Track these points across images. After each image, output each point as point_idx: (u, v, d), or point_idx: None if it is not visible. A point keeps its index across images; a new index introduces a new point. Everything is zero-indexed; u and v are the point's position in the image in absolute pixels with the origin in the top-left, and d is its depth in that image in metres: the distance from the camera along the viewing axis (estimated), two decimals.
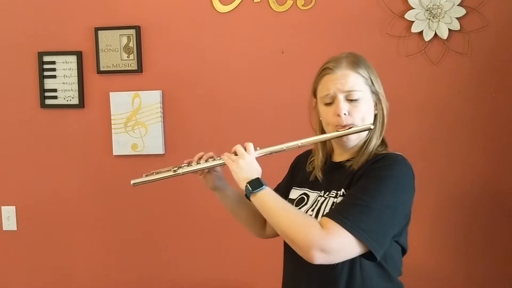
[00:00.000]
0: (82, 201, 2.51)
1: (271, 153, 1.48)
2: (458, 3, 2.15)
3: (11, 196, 2.56)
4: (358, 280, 1.37)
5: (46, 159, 2.52)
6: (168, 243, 2.48)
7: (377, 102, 1.44)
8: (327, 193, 1.44)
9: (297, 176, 1.60)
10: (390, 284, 1.43)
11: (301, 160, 1.62)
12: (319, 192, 1.47)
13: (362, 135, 1.43)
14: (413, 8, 2.18)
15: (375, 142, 1.43)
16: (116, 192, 2.48)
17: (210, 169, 1.55)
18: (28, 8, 2.48)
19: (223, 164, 1.49)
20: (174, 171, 1.54)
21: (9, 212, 2.56)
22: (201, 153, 1.56)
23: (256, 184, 1.37)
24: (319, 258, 1.27)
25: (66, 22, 2.46)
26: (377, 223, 1.29)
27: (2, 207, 2.57)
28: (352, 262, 1.35)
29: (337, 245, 1.27)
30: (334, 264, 1.34)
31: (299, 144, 1.46)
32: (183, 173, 1.54)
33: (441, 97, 2.22)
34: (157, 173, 1.58)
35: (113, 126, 2.44)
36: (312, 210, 1.42)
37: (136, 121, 2.43)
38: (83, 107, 2.48)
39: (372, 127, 1.41)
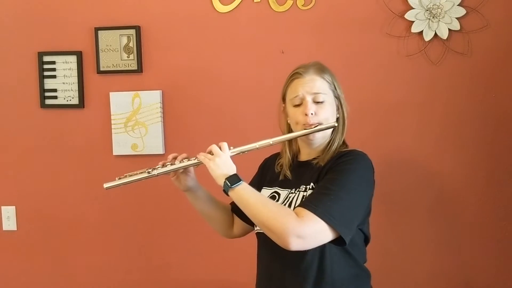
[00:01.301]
0: (82, 201, 2.51)
1: (244, 151, 1.59)
2: (458, 3, 2.15)
3: (11, 196, 2.56)
4: (328, 266, 1.51)
5: (46, 159, 2.52)
6: (168, 243, 2.48)
7: (339, 106, 1.62)
8: (297, 189, 1.57)
9: (266, 176, 1.73)
10: (357, 270, 1.58)
11: (269, 162, 1.75)
12: (289, 189, 1.60)
13: (327, 133, 1.60)
14: (413, 8, 2.18)
15: (338, 142, 1.61)
16: (116, 192, 2.47)
17: (184, 170, 1.63)
18: (28, 8, 2.48)
19: (198, 164, 1.58)
20: (149, 172, 1.59)
21: (9, 212, 2.56)
22: (174, 154, 1.64)
23: (234, 179, 1.48)
24: (296, 244, 1.38)
25: (66, 22, 2.46)
26: (345, 210, 1.44)
27: (2, 207, 2.57)
28: (321, 250, 1.49)
29: (311, 231, 1.40)
30: (305, 252, 1.48)
31: (271, 142, 1.59)
32: (158, 174, 1.59)
33: (441, 97, 2.22)
34: (131, 175, 1.62)
35: (113, 126, 2.44)
36: (284, 205, 1.54)
37: (136, 121, 2.43)
38: (83, 107, 2.48)
39: (336, 124, 1.58)
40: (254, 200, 1.45)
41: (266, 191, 1.66)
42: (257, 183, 1.73)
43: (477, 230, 2.23)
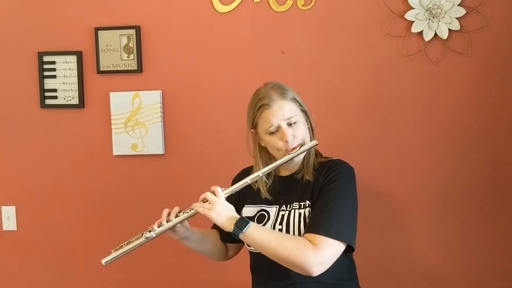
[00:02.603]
0: (82, 201, 2.51)
1: (237, 190, 1.63)
2: (458, 3, 2.15)
3: (11, 196, 2.56)
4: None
5: (46, 159, 2.52)
6: (168, 243, 2.46)
7: (306, 117, 1.68)
8: (288, 205, 1.64)
9: (243, 194, 1.75)
10: (345, 259, 1.64)
11: (243, 177, 1.69)
12: (277, 206, 1.66)
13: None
14: (413, 8, 2.18)
15: (313, 152, 1.69)
16: (116, 192, 2.48)
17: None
18: (28, 8, 2.48)
19: (195, 214, 1.61)
20: (146, 238, 1.61)
21: (9, 212, 2.56)
22: (166, 210, 1.67)
23: (242, 223, 1.52)
24: (319, 270, 1.49)
25: (66, 22, 2.46)
26: (349, 223, 1.57)
27: (2, 207, 2.57)
28: None
29: (330, 254, 1.51)
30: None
31: (261, 175, 1.64)
32: (156, 236, 1.61)
33: (441, 97, 2.22)
34: (128, 243, 1.65)
35: (113, 126, 2.44)
36: (280, 224, 1.61)
37: (136, 121, 2.43)
38: (83, 107, 2.48)
39: (317, 142, 1.65)
40: (268, 240, 1.50)
41: (251, 209, 1.71)
42: (234, 200, 1.73)
43: (478, 230, 2.23)
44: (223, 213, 1.55)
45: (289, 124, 1.62)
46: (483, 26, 2.16)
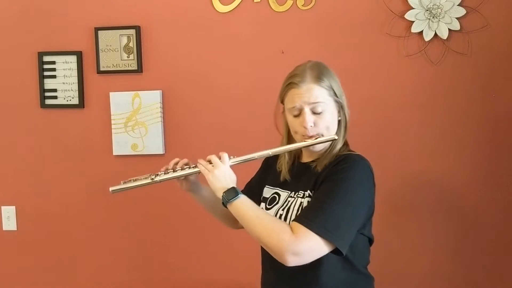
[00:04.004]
0: (82, 201, 2.51)
1: (244, 161, 1.58)
2: (458, 3, 2.15)
3: (11, 196, 2.56)
4: (325, 272, 1.49)
5: (46, 159, 2.52)
6: (169, 243, 2.48)
7: (340, 109, 1.57)
8: (295, 193, 1.56)
9: (268, 174, 1.72)
10: (356, 275, 1.55)
11: (271, 160, 1.71)
12: (288, 191, 1.59)
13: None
14: (413, 8, 2.18)
15: (339, 146, 1.57)
16: (116, 192, 2.48)
17: (186, 176, 1.64)
18: (28, 8, 2.48)
19: (198, 172, 1.58)
20: (152, 179, 1.62)
21: (9, 212, 2.56)
22: (176, 159, 1.65)
23: (231, 193, 1.48)
24: (292, 261, 1.39)
25: (66, 22, 2.46)
26: (340, 222, 1.42)
27: (2, 207, 2.57)
28: (318, 259, 1.45)
29: (307, 248, 1.40)
30: None
31: (270, 153, 1.59)
32: (160, 181, 1.62)
33: (441, 97, 2.22)
34: (135, 180, 1.65)
35: (113, 126, 2.44)
36: (283, 210, 1.55)
37: (136, 121, 2.43)
38: (83, 107, 2.48)
39: (336, 137, 1.54)
40: (250, 216, 1.46)
41: (269, 191, 1.67)
42: (260, 179, 1.74)
43: (478, 230, 2.23)
44: (221, 178, 1.50)
45: (314, 111, 1.51)
46: (483, 26, 2.16)
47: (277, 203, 1.59)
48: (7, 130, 2.54)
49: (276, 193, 1.63)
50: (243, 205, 1.48)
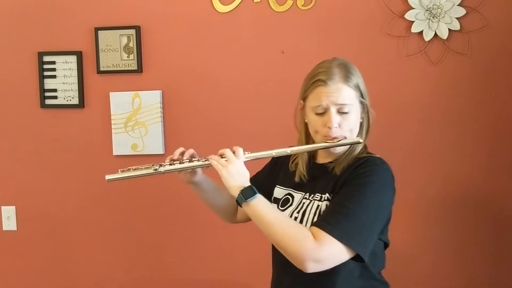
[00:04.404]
0: (82, 201, 2.51)
1: (259, 158, 1.51)
2: (458, 3, 2.15)
3: (11, 196, 2.56)
4: (341, 278, 1.43)
5: (46, 159, 2.52)
6: (168, 243, 2.48)
7: (363, 111, 1.51)
8: (312, 195, 1.49)
9: (278, 173, 1.64)
10: (373, 282, 1.49)
11: (282, 158, 1.62)
12: (303, 193, 1.52)
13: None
14: (413, 8, 2.18)
15: (359, 149, 1.50)
16: (116, 192, 2.48)
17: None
18: (28, 8, 2.48)
19: (208, 166, 1.49)
20: (155, 169, 1.50)
21: (9, 212, 2.56)
22: (181, 149, 1.55)
23: (249, 192, 1.39)
24: (312, 268, 1.33)
25: (66, 22, 2.46)
26: (362, 228, 1.37)
27: (2, 207, 2.57)
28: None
29: (329, 255, 1.34)
30: None
31: (289, 151, 1.51)
32: (165, 172, 1.50)
33: (441, 97, 2.22)
34: (135, 169, 1.53)
35: (113, 126, 2.44)
36: (298, 212, 1.48)
37: (136, 121, 2.43)
38: (83, 107, 2.48)
39: (360, 141, 1.48)
40: (269, 218, 1.37)
41: (280, 191, 1.59)
42: (268, 178, 1.65)
43: (477, 230, 2.23)
44: (235, 175, 1.41)
45: (340, 112, 1.44)
46: (483, 26, 2.16)
47: (291, 205, 1.52)
48: (7, 130, 2.54)
49: (289, 194, 1.56)
50: (261, 205, 1.39)
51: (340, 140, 1.45)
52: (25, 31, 2.49)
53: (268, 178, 1.66)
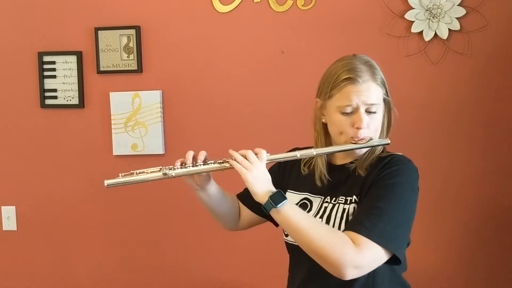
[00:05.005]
0: (82, 201, 2.51)
1: (281, 160, 1.43)
2: (458, 3, 2.15)
3: (11, 196, 2.56)
4: (378, 283, 1.38)
5: (46, 159, 2.52)
6: (168, 243, 2.48)
7: (386, 110, 1.45)
8: (334, 198, 1.41)
9: (289, 177, 1.54)
10: (398, 286, 1.45)
11: (291, 161, 1.50)
12: (322, 197, 1.44)
13: None
14: (413, 8, 2.18)
15: (380, 148, 1.44)
16: (116, 192, 2.47)
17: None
18: (28, 8, 2.48)
19: (227, 169, 1.37)
20: (164, 173, 1.35)
21: (9, 212, 2.56)
22: (192, 152, 1.42)
23: (279, 197, 1.29)
24: (352, 275, 1.27)
25: (66, 22, 2.46)
26: (398, 229, 1.32)
27: (2, 207, 2.57)
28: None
29: (369, 259, 1.28)
30: None
31: (314, 153, 1.40)
32: (176, 176, 1.36)
33: (441, 97, 2.22)
34: (140, 173, 1.39)
35: (113, 126, 2.44)
36: (321, 217, 1.40)
37: (136, 121, 2.43)
38: (83, 107, 2.48)
39: (389, 142, 1.42)
40: (303, 225, 1.28)
41: (295, 196, 1.48)
42: (274, 181, 1.43)
43: (477, 230, 2.23)
44: (260, 180, 1.31)
45: (367, 111, 1.37)
46: (483, 26, 2.16)
47: (310, 210, 1.43)
48: (7, 130, 2.54)
49: (306, 199, 1.46)
50: (293, 211, 1.30)
51: (368, 141, 1.38)
52: (25, 31, 2.50)
53: (278, 184, 1.46)
